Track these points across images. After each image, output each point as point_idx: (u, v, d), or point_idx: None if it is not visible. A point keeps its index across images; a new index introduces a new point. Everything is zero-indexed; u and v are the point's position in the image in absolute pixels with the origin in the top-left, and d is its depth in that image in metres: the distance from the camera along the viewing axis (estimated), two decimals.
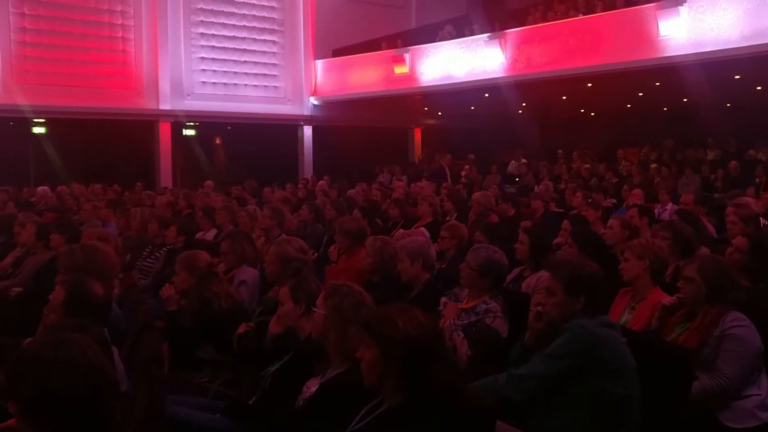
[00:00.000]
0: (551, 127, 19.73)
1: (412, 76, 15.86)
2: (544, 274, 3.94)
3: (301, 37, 18.46)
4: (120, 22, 16.07)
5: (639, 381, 2.80)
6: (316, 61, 18.48)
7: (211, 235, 7.28)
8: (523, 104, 17.13)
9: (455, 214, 7.96)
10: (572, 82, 13.94)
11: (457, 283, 3.99)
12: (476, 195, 8.37)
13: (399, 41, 16.94)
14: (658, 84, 14.28)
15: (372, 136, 19.01)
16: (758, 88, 14.39)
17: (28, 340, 2.93)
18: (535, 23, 14.50)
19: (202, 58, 17.15)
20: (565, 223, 5.72)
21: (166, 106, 16.58)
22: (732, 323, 3.16)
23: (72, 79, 15.16)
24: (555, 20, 14.07)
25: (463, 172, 16.63)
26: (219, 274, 4.28)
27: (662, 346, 3.21)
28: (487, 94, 15.58)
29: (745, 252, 4.11)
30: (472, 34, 15.16)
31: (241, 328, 3.67)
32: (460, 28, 15.99)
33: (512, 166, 17.18)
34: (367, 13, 18.85)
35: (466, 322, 3.65)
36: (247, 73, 17.86)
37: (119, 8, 16.03)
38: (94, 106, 15.17)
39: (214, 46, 17.29)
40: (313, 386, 2.83)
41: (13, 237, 6.31)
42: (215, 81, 17.37)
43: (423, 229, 6.70)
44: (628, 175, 13.94)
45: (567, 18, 13.83)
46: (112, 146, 15.62)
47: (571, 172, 15.21)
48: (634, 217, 5.92)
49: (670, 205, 9.00)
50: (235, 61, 17.61)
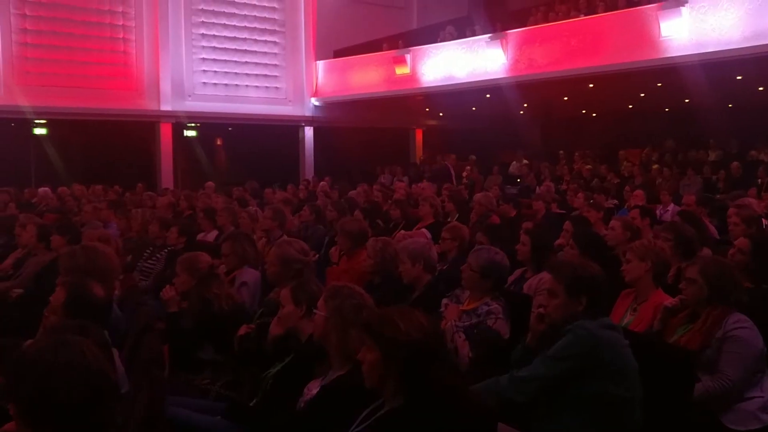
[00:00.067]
0: (553, 127, 19.72)
1: (413, 77, 15.86)
2: (545, 276, 3.93)
3: (302, 38, 18.47)
4: (121, 23, 16.08)
5: (641, 383, 2.79)
6: (317, 62, 18.49)
7: (212, 236, 7.28)
8: (525, 105, 17.12)
9: (456, 215, 7.95)
10: (574, 83, 13.93)
11: (459, 284, 3.98)
12: (477, 196, 8.37)
13: (400, 42, 16.93)
14: (659, 84, 14.26)
15: (373, 137, 19.01)
16: (760, 89, 14.38)
17: (28, 342, 2.93)
18: (537, 24, 14.47)
19: (203, 59, 17.16)
20: (567, 224, 5.70)
21: (167, 107, 16.59)
22: (734, 325, 3.16)
23: (73, 80, 15.17)
24: (556, 21, 14.05)
25: (464, 173, 16.65)
26: (220, 276, 4.27)
27: (664, 347, 3.20)
28: (488, 95, 15.57)
29: (747, 253, 4.11)
30: (474, 34, 15.15)
31: (242, 330, 3.67)
32: (461, 29, 15.97)
33: (513, 166, 17.17)
34: (369, 14, 18.84)
35: (468, 323, 3.63)
36: (248, 74, 17.86)
37: (120, 9, 16.03)
38: (95, 107, 15.18)
39: (215, 47, 17.29)
40: (314, 388, 2.82)
41: (14, 238, 6.32)
42: (216, 82, 17.37)
43: (424, 230, 6.70)
44: (630, 175, 13.94)
45: (568, 18, 13.80)
46: (113, 147, 15.63)
47: (573, 172, 15.21)
48: (635, 218, 5.91)
49: (671, 206, 8.99)
50: (236, 62, 17.61)
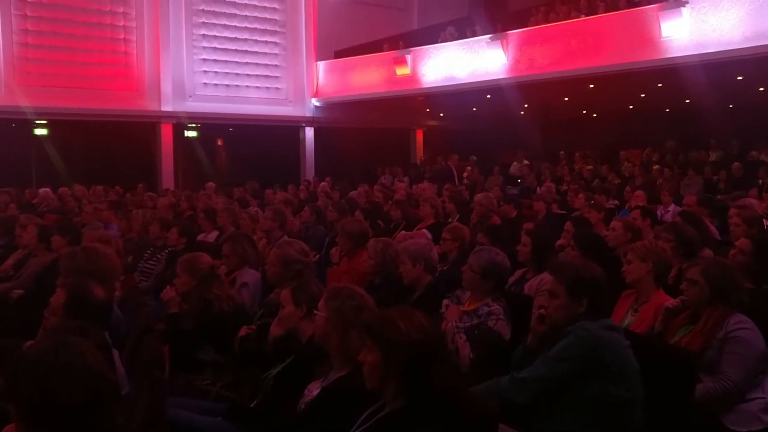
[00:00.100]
0: (553, 128, 19.71)
1: (413, 78, 15.85)
2: (546, 276, 3.92)
3: (303, 39, 18.47)
4: (122, 23, 16.07)
5: (642, 384, 2.79)
6: (318, 63, 18.48)
7: (212, 236, 7.27)
8: (525, 105, 17.11)
9: (457, 216, 7.95)
10: (574, 83, 13.92)
11: (459, 285, 3.97)
12: (478, 196, 8.35)
13: (401, 42, 16.92)
14: (660, 85, 14.25)
15: (374, 138, 19.01)
16: (761, 89, 14.36)
17: (29, 343, 2.93)
18: (537, 24, 14.46)
19: (204, 60, 17.15)
20: (568, 225, 5.68)
21: (167, 107, 16.58)
22: (736, 326, 3.15)
23: (74, 80, 15.17)
24: (557, 21, 14.03)
25: (465, 174, 16.64)
26: (220, 277, 4.27)
27: (665, 348, 3.20)
28: (489, 96, 15.56)
29: (748, 254, 4.10)
30: (474, 35, 15.14)
31: (243, 331, 3.66)
32: (462, 30, 15.96)
33: (514, 167, 17.15)
34: (369, 15, 18.83)
35: (469, 324, 3.63)
36: (248, 75, 17.85)
37: (121, 10, 16.03)
38: (96, 108, 15.18)
39: (215, 48, 17.29)
40: (314, 389, 2.82)
41: (15, 239, 6.32)
42: (217, 82, 17.36)
43: (425, 230, 6.70)
44: (631, 176, 13.92)
45: (569, 19, 13.79)
46: (114, 148, 15.62)
47: (573, 173, 15.20)
48: (636, 218, 5.91)
49: (672, 207, 8.98)
50: (236, 62, 17.60)
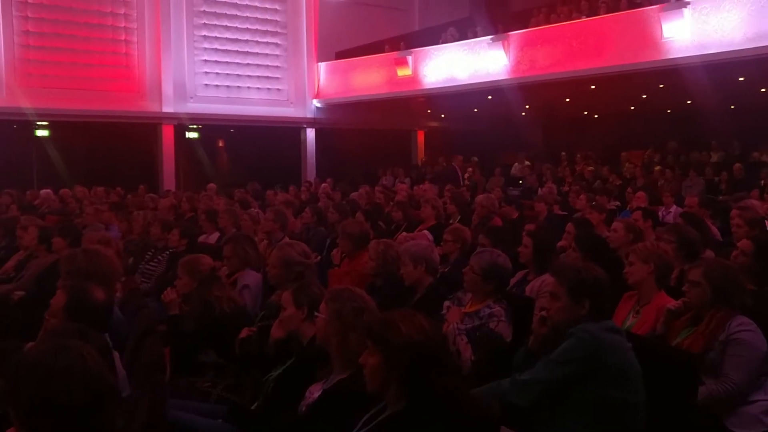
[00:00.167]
0: (554, 129, 19.70)
1: (415, 79, 15.85)
2: (547, 278, 3.91)
3: (304, 40, 18.47)
4: (123, 24, 16.09)
5: (644, 386, 2.77)
6: (319, 64, 18.48)
7: (213, 238, 7.27)
8: (527, 106, 17.11)
9: (458, 217, 7.94)
10: (575, 84, 13.91)
11: (461, 286, 3.96)
12: (479, 198, 8.33)
13: (402, 43, 16.92)
14: (661, 86, 14.24)
15: (375, 139, 19.01)
16: (762, 90, 14.36)
17: (29, 345, 2.93)
18: (539, 25, 14.46)
19: (205, 61, 17.17)
20: (569, 226, 5.67)
21: (169, 108, 16.59)
22: (738, 327, 3.14)
23: (75, 81, 15.18)
24: (558, 22, 14.04)
25: (466, 175, 16.64)
26: (221, 278, 4.26)
27: (667, 350, 3.19)
28: (490, 96, 15.56)
29: (750, 255, 4.08)
30: (475, 36, 15.14)
31: (244, 333, 3.66)
32: (463, 31, 15.96)
33: (515, 168, 17.15)
34: (370, 16, 18.84)
35: (470, 326, 3.62)
36: (249, 76, 17.86)
37: (122, 11, 16.05)
38: (97, 109, 15.20)
39: (217, 49, 17.30)
40: (315, 391, 2.81)
41: (16, 240, 6.32)
42: (218, 84, 17.37)
43: (426, 232, 6.69)
44: (632, 177, 13.91)
45: (570, 20, 13.80)
46: (115, 149, 15.64)
47: (575, 174, 15.19)
48: (638, 219, 5.90)
49: (674, 208, 8.96)
50: (238, 63, 17.61)
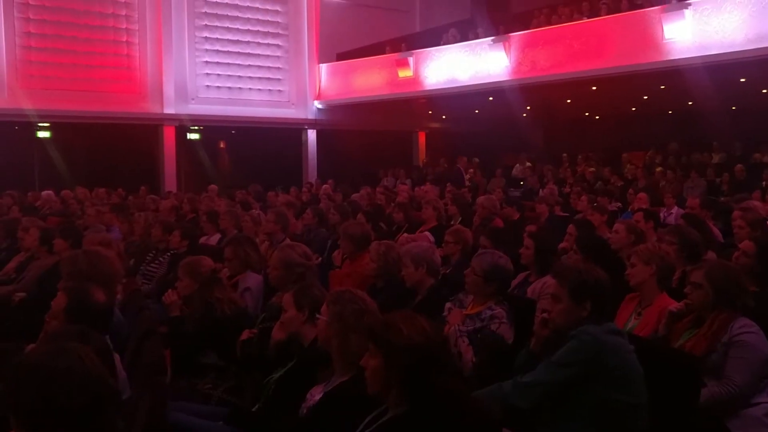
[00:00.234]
0: (556, 130, 19.70)
1: (416, 80, 15.85)
2: (549, 279, 3.90)
3: (305, 41, 18.47)
4: (124, 26, 16.10)
5: (646, 388, 2.76)
6: (320, 65, 18.48)
7: (214, 239, 7.27)
8: (528, 107, 17.09)
9: (459, 218, 7.92)
10: (577, 86, 13.90)
11: (462, 288, 3.95)
12: (481, 199, 8.32)
13: (403, 45, 16.92)
14: (663, 87, 14.23)
15: (376, 140, 19.01)
16: (764, 91, 14.35)
17: (30, 346, 2.93)
18: (540, 27, 14.46)
19: (207, 62, 17.17)
20: (571, 228, 5.67)
21: (170, 110, 16.60)
22: (740, 329, 3.13)
23: (76, 83, 15.19)
24: (559, 23, 14.03)
25: (467, 176, 16.63)
26: (222, 280, 4.26)
27: (669, 352, 3.18)
28: (491, 98, 15.55)
29: (752, 256, 4.08)
30: (477, 37, 15.14)
31: (244, 335, 3.65)
32: (464, 32, 15.95)
33: (517, 169, 17.15)
34: (371, 17, 18.84)
35: (471, 328, 3.61)
36: (251, 77, 17.86)
37: (124, 13, 16.06)
38: (99, 110, 15.20)
39: (218, 50, 17.30)
40: (317, 394, 2.80)
41: (17, 241, 6.33)
42: (219, 85, 17.38)
43: (427, 233, 6.68)
44: (633, 178, 13.89)
45: (571, 21, 13.79)
46: (117, 150, 15.64)
47: (576, 175, 15.18)
48: (639, 221, 5.89)
49: (675, 209, 8.94)
50: (239, 65, 17.61)
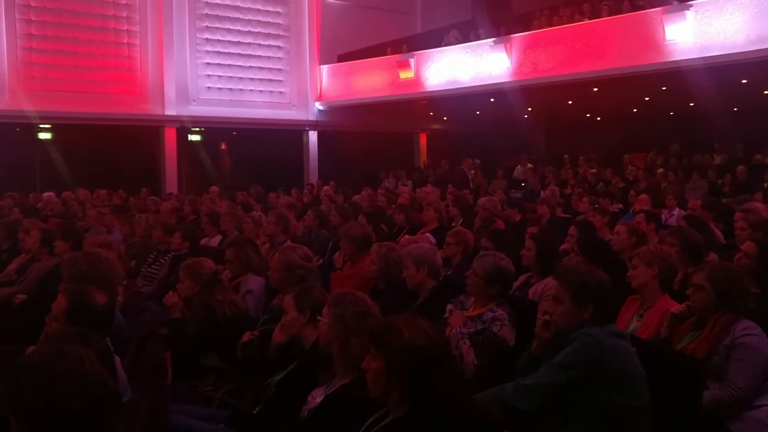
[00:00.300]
0: (557, 131, 19.70)
1: (417, 81, 15.85)
2: (550, 281, 3.89)
3: (307, 43, 18.47)
4: (125, 27, 16.10)
5: (648, 391, 2.75)
6: (322, 67, 18.49)
7: (215, 241, 7.26)
8: (529, 109, 17.09)
9: (461, 220, 7.91)
10: (578, 87, 13.89)
11: (463, 290, 3.94)
12: (482, 200, 8.31)
13: (404, 46, 16.92)
14: (664, 88, 14.22)
15: (377, 141, 19.00)
16: (765, 93, 14.33)
17: (31, 348, 2.92)
18: (541, 28, 14.47)
19: (208, 64, 17.17)
20: (572, 229, 5.66)
21: (171, 111, 16.60)
22: (743, 332, 3.12)
23: (78, 84, 15.19)
24: (560, 25, 14.03)
25: (469, 177, 16.61)
26: (223, 282, 4.25)
27: (671, 355, 3.17)
28: (492, 99, 15.55)
29: (754, 257, 4.07)
30: (478, 38, 15.14)
31: (245, 337, 3.65)
32: (465, 33, 15.95)
33: (518, 170, 17.14)
34: (372, 18, 18.84)
35: (473, 330, 3.60)
36: (252, 79, 17.86)
37: (125, 14, 16.06)
38: (100, 112, 15.20)
39: (219, 52, 17.31)
40: (318, 396, 2.80)
41: (18, 243, 6.33)
42: (221, 86, 17.38)
43: (428, 235, 6.67)
44: (635, 179, 13.88)
45: (573, 22, 13.79)
46: (118, 152, 15.63)
47: (578, 176, 15.18)
48: (641, 222, 5.87)
49: (677, 210, 8.93)
50: (240, 66, 17.61)
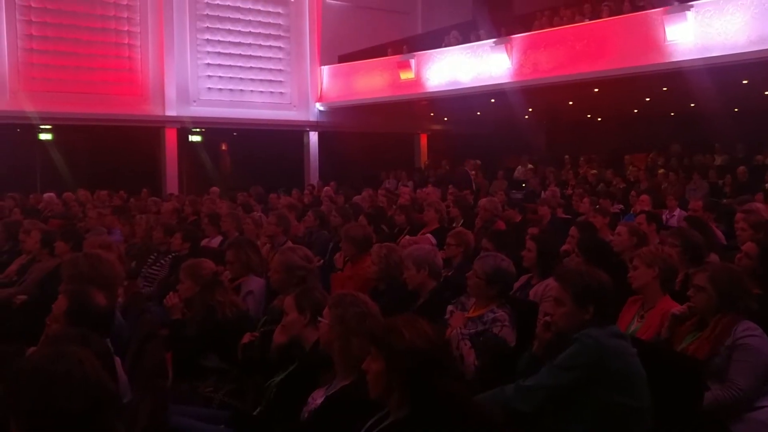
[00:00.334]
0: (558, 132, 19.69)
1: (417, 82, 15.85)
2: (551, 282, 3.87)
3: (307, 43, 18.48)
4: (126, 28, 16.11)
5: (649, 392, 2.75)
6: (322, 67, 18.49)
7: (216, 241, 7.25)
8: (530, 109, 17.09)
9: (461, 221, 7.90)
10: (579, 88, 13.89)
11: (464, 291, 3.94)
12: (483, 201, 8.30)
13: (405, 47, 16.91)
14: (665, 89, 14.21)
15: (378, 142, 18.99)
16: (766, 93, 14.32)
17: (31, 349, 2.92)
18: (542, 28, 14.46)
19: (208, 65, 17.17)
20: (573, 230, 5.65)
21: (172, 112, 16.61)
22: (744, 333, 3.11)
23: (78, 85, 15.20)
24: (561, 25, 14.02)
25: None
26: (224, 283, 4.24)
27: (672, 356, 3.16)
28: (493, 100, 15.55)
29: (755, 258, 4.06)
30: (478, 39, 15.14)
31: (246, 338, 3.64)
32: (465, 34, 15.95)
33: (519, 171, 17.13)
34: (373, 19, 18.84)
35: (473, 331, 3.60)
36: (252, 79, 17.87)
37: (125, 15, 16.07)
38: (101, 113, 15.20)
39: (220, 53, 17.31)
40: (318, 397, 2.79)
41: (19, 244, 6.33)
42: (221, 87, 17.39)
43: (429, 235, 6.67)
44: (636, 180, 13.86)
45: (573, 23, 13.79)
46: (119, 152, 15.62)
47: (578, 177, 15.17)
48: (642, 223, 5.86)
49: (678, 211, 8.93)
50: (241, 67, 17.61)
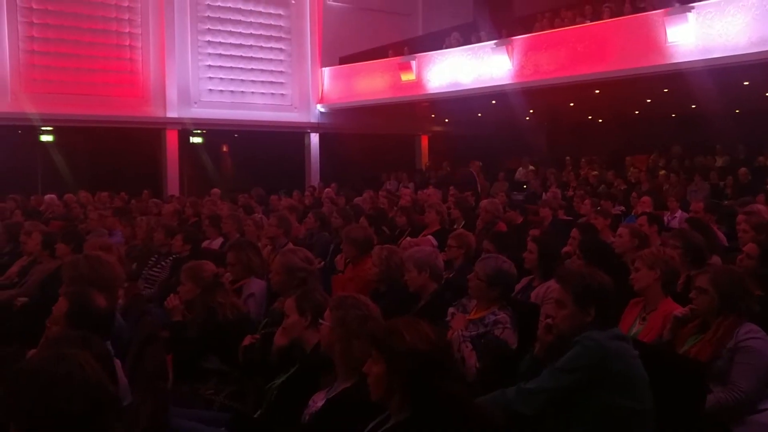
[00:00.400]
0: (559, 133, 19.68)
1: (418, 83, 15.85)
2: (552, 284, 3.88)
3: (308, 45, 18.49)
4: (127, 30, 16.13)
5: (651, 394, 2.74)
6: (323, 69, 18.50)
7: (217, 243, 7.25)
8: (531, 111, 17.09)
9: (463, 222, 7.90)
10: (580, 89, 13.89)
11: (465, 292, 3.93)
12: (484, 203, 8.29)
13: (406, 48, 16.92)
14: (666, 90, 14.21)
15: (379, 143, 18.99)
16: (767, 94, 14.31)
17: (31, 351, 2.92)
18: (542, 30, 14.47)
19: (209, 66, 17.18)
20: (574, 232, 5.65)
21: (173, 113, 16.61)
22: (746, 335, 3.11)
23: (79, 87, 15.21)
24: (562, 27, 14.03)
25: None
26: (224, 285, 4.24)
27: (674, 358, 3.15)
28: (494, 101, 15.55)
29: (756, 258, 4.07)
30: (479, 40, 15.15)
31: (247, 340, 3.64)
32: (466, 35, 15.95)
33: (520, 173, 17.13)
34: (374, 21, 18.85)
35: (475, 333, 3.59)
36: (254, 81, 17.88)
37: (126, 16, 16.08)
38: (102, 114, 15.22)
39: (221, 54, 17.32)
40: (319, 400, 2.78)
41: (20, 245, 6.32)
42: (222, 89, 17.40)
43: (430, 237, 6.66)
44: (637, 182, 13.86)
45: (574, 25, 13.79)
46: (120, 154, 15.63)
47: (579, 179, 15.17)
48: (643, 224, 5.86)
49: (679, 213, 8.92)
50: (242, 68, 17.63)
